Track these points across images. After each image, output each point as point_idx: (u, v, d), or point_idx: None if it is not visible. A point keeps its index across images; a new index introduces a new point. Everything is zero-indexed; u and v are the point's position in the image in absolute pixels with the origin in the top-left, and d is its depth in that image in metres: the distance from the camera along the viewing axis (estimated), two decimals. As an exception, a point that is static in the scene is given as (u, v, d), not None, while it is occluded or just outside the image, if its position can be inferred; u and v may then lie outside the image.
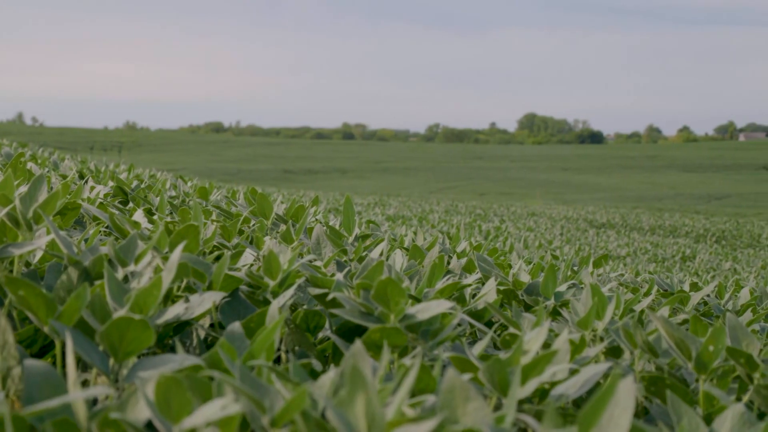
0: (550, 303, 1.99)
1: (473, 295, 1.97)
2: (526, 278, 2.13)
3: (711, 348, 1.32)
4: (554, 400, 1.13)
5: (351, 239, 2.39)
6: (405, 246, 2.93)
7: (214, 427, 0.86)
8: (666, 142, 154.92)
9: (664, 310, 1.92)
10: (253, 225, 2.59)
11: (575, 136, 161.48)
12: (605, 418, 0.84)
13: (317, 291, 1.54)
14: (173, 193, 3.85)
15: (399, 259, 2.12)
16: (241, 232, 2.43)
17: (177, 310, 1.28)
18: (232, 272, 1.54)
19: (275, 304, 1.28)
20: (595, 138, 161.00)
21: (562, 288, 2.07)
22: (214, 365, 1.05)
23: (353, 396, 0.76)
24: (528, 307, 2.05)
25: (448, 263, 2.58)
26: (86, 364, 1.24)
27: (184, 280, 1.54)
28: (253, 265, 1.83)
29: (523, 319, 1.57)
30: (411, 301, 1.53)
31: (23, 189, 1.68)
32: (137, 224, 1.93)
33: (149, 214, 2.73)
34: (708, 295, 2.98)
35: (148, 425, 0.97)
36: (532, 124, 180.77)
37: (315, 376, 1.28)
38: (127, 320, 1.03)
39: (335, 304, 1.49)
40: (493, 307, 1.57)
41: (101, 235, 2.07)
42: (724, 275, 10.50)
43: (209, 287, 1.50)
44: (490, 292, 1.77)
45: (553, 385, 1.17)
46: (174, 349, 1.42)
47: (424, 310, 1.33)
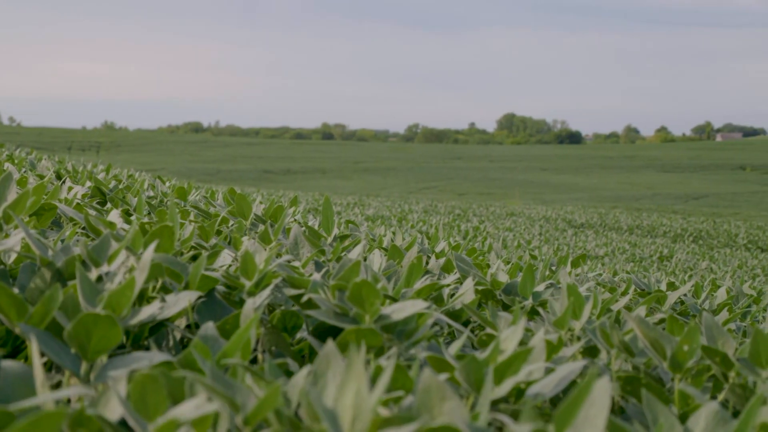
0: (528, 303, 1.99)
1: (452, 295, 1.97)
2: (504, 278, 2.14)
3: (686, 347, 1.33)
4: (530, 399, 1.13)
5: (329, 239, 2.39)
6: (384, 246, 2.93)
7: (188, 427, 0.85)
8: (644, 142, 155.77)
9: (641, 310, 1.92)
10: (232, 225, 2.58)
11: (554, 137, 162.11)
12: (581, 417, 0.84)
13: (294, 291, 1.53)
14: (151, 194, 3.83)
15: (377, 260, 2.11)
16: (220, 233, 2.42)
17: (152, 310, 1.27)
18: (208, 272, 1.53)
19: (250, 304, 1.27)
20: (573, 138, 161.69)
21: (540, 288, 2.07)
22: (187, 365, 1.05)
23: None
24: (506, 307, 2.05)
25: (427, 263, 2.58)
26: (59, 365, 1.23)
27: (160, 281, 1.53)
28: (231, 266, 1.82)
29: (500, 319, 1.57)
30: (388, 302, 1.53)
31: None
32: (112, 225, 1.91)
33: (127, 214, 2.71)
34: (685, 295, 3.00)
35: (122, 424, 0.97)
36: (511, 124, 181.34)
37: (291, 376, 1.27)
38: (94, 317, 1.03)
39: (311, 304, 1.49)
40: (469, 307, 1.57)
41: (78, 236, 2.06)
42: (701, 275, 10.57)
43: (185, 287, 1.49)
44: (467, 292, 1.77)
45: (529, 384, 1.17)
46: (149, 350, 1.41)
47: (399, 311, 1.33)
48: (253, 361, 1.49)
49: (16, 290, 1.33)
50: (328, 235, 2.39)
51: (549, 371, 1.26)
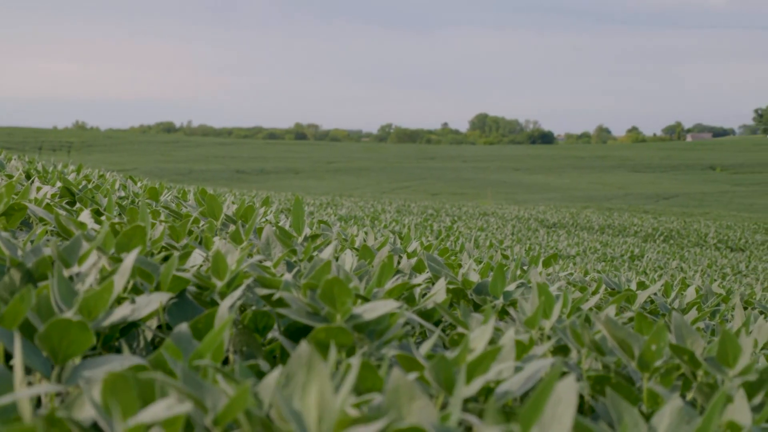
0: (499, 302, 2.00)
1: (423, 295, 1.97)
2: (475, 278, 2.14)
3: (654, 347, 1.34)
4: (499, 398, 1.14)
5: (301, 239, 2.39)
6: (355, 246, 2.94)
7: (158, 427, 0.85)
8: (615, 142, 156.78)
9: (611, 309, 1.94)
10: (203, 225, 2.58)
11: (526, 137, 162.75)
12: (548, 416, 0.85)
13: (265, 291, 1.53)
14: (122, 194, 3.81)
15: (349, 259, 2.12)
16: (191, 233, 2.41)
17: (123, 312, 1.27)
18: (180, 273, 1.53)
19: (224, 305, 1.27)
20: (545, 138, 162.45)
21: (511, 287, 2.08)
22: (159, 366, 1.04)
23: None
24: (477, 307, 2.06)
25: (399, 263, 2.59)
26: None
27: (132, 281, 1.53)
28: (202, 266, 1.82)
29: (471, 319, 1.58)
30: (360, 301, 1.53)
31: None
32: (83, 225, 1.91)
33: (97, 215, 2.70)
34: (655, 294, 3.02)
35: (94, 426, 0.96)
36: (484, 124, 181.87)
37: (263, 377, 1.27)
38: (66, 322, 1.02)
39: (282, 304, 1.49)
40: (441, 306, 1.58)
41: (48, 236, 2.05)
42: (671, 274, 10.65)
43: (157, 288, 1.49)
44: (439, 292, 1.77)
45: (499, 383, 1.18)
46: (120, 351, 1.41)
47: (370, 310, 1.33)
48: (225, 361, 1.49)
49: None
50: (300, 234, 2.39)
51: (518, 370, 1.27)
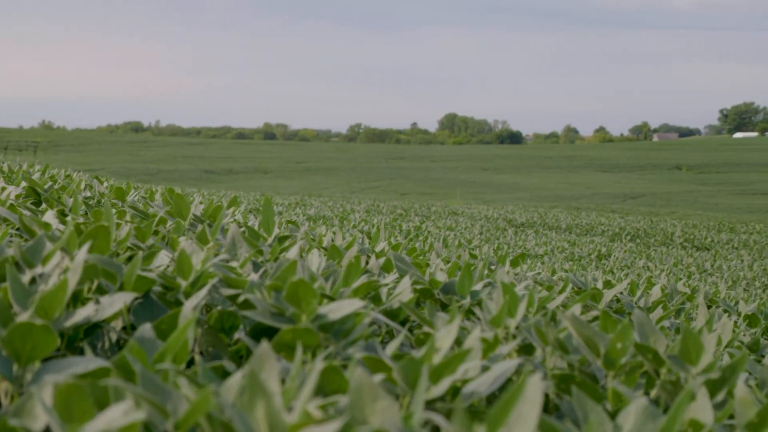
0: (466, 302, 2.00)
1: (390, 294, 1.97)
2: (442, 277, 2.15)
3: (618, 345, 1.35)
4: (466, 398, 1.14)
5: (270, 239, 2.38)
6: (323, 246, 2.93)
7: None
8: (583, 142, 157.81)
9: (576, 308, 1.95)
10: (170, 226, 2.56)
11: (495, 137, 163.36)
12: (514, 415, 0.85)
13: (231, 292, 1.53)
14: (89, 194, 3.77)
15: (316, 259, 2.11)
16: (157, 233, 2.39)
17: (86, 312, 1.26)
18: (145, 273, 1.52)
19: (188, 305, 1.27)
20: (514, 138, 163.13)
21: (478, 287, 2.09)
22: (122, 368, 1.03)
23: (253, 402, 0.75)
24: (444, 306, 2.06)
25: (367, 263, 2.58)
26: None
27: (95, 282, 1.51)
28: (168, 267, 1.81)
29: (437, 318, 1.58)
30: (326, 301, 1.53)
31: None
32: (47, 225, 1.89)
33: (63, 215, 2.67)
34: (621, 293, 3.04)
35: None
36: (453, 124, 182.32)
37: (228, 377, 1.26)
38: (29, 326, 1.01)
39: (248, 305, 1.48)
40: (406, 305, 1.58)
41: (12, 237, 2.02)
42: (638, 273, 10.74)
43: (121, 288, 1.47)
44: (405, 291, 1.77)
45: (465, 382, 1.18)
46: (84, 352, 1.40)
47: (335, 310, 1.33)
48: (191, 361, 1.48)
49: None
50: (269, 235, 2.38)
51: (485, 369, 1.27)
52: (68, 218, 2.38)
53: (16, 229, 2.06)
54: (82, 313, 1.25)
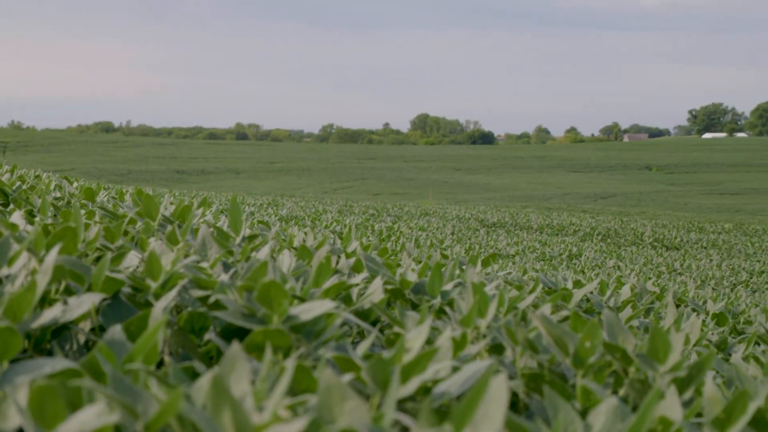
0: (437, 302, 2.01)
1: (361, 295, 1.97)
2: (413, 277, 2.15)
3: (587, 344, 1.36)
4: (437, 398, 1.15)
5: (239, 240, 2.37)
6: (294, 246, 2.92)
7: (88, 433, 0.84)
8: (554, 142, 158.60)
9: (546, 308, 1.96)
10: (139, 226, 2.54)
11: (467, 137, 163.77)
12: (480, 414, 0.86)
13: (201, 293, 1.52)
14: (58, 195, 3.74)
15: (287, 260, 2.11)
16: (127, 234, 2.38)
17: (54, 313, 1.25)
18: (114, 274, 1.51)
19: (158, 306, 1.26)
20: (486, 138, 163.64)
21: (449, 287, 2.09)
22: (91, 369, 1.03)
23: (219, 403, 0.75)
24: (415, 306, 2.07)
25: (338, 263, 2.58)
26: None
27: (63, 283, 1.50)
28: (138, 267, 1.80)
29: (408, 318, 1.58)
30: (297, 302, 1.53)
31: None
32: (14, 226, 1.87)
33: (31, 216, 2.65)
34: (591, 292, 3.06)
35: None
36: (425, 124, 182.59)
37: (198, 378, 1.26)
38: (-7, 326, 1.00)
39: (219, 306, 1.48)
40: (377, 306, 1.58)
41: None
42: (608, 272, 10.81)
43: (89, 289, 1.46)
44: (376, 292, 1.77)
45: (436, 382, 1.18)
46: (52, 354, 1.39)
47: (307, 311, 1.33)
48: (161, 363, 1.47)
49: None
50: (237, 235, 2.38)
51: (455, 369, 1.27)
52: (36, 219, 2.36)
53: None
54: (50, 315, 1.24)
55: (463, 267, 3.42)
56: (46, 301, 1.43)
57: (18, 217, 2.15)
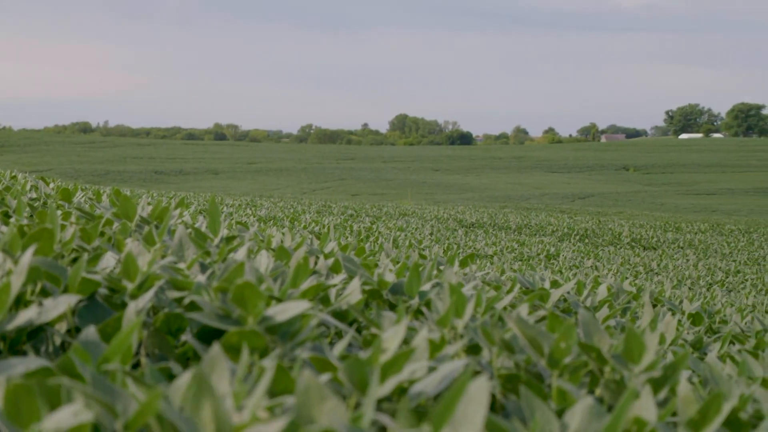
0: (415, 302, 2.01)
1: (339, 295, 1.97)
2: (391, 278, 2.15)
3: (563, 344, 1.37)
4: (413, 398, 1.15)
5: (217, 241, 2.36)
6: (272, 247, 2.92)
7: (64, 433, 0.84)
8: (532, 143, 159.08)
9: (523, 308, 1.97)
10: (116, 227, 2.53)
11: (445, 137, 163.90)
12: (459, 415, 0.86)
13: (177, 294, 1.52)
14: (34, 195, 3.72)
15: (264, 260, 2.10)
16: (103, 235, 2.37)
17: (29, 315, 1.24)
18: (90, 275, 1.50)
19: (132, 307, 1.26)
20: (464, 139, 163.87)
21: (427, 287, 2.10)
22: (67, 370, 1.02)
23: (200, 403, 0.75)
24: (393, 307, 2.07)
25: (316, 264, 2.58)
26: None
27: (39, 284, 1.50)
28: (114, 269, 1.79)
29: (385, 319, 1.59)
30: (274, 302, 1.53)
31: None
32: (-10, 227, 1.86)
33: (6, 217, 2.63)
34: (568, 292, 3.07)
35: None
36: (404, 125, 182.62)
37: (174, 379, 1.26)
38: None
39: (195, 307, 1.48)
40: (353, 307, 1.58)
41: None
42: (586, 272, 10.86)
43: (65, 291, 1.46)
44: (353, 293, 1.78)
45: (412, 383, 1.19)
46: (27, 355, 1.38)
47: (282, 312, 1.33)
48: (137, 364, 1.47)
49: None
50: (216, 236, 2.37)
51: (432, 370, 1.28)
52: (12, 220, 2.35)
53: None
54: (25, 316, 1.24)
55: (442, 267, 3.42)
56: (22, 303, 1.42)
57: (-7, 218, 2.14)
